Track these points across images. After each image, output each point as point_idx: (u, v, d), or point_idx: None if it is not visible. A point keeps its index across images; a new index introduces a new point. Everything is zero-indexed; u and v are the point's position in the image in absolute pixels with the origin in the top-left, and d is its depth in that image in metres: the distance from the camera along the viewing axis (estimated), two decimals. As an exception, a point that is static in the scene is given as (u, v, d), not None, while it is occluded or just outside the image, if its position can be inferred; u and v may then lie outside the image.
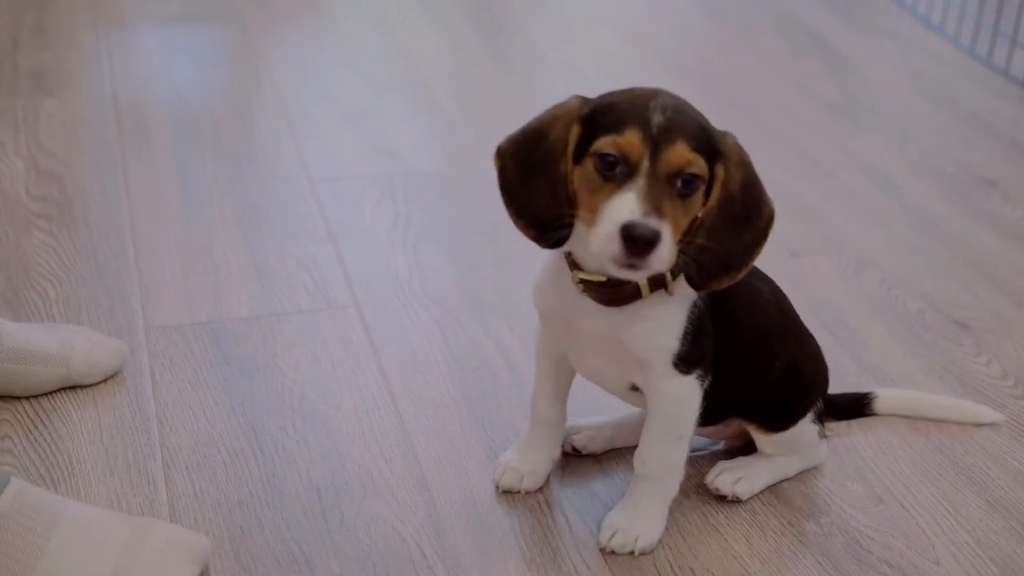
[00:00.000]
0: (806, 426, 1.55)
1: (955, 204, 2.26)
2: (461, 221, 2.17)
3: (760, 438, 1.56)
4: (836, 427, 1.69)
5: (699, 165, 1.27)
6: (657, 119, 1.26)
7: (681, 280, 1.35)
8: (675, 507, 1.52)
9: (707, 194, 1.30)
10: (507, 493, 1.55)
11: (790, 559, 1.48)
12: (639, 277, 1.31)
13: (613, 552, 1.46)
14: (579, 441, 1.61)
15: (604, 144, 1.27)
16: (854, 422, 1.70)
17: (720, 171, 1.30)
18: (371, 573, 1.43)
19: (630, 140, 1.25)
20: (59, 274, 1.94)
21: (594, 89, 1.39)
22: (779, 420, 1.54)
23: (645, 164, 1.25)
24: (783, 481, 1.58)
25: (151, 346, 1.79)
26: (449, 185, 2.28)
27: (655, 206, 1.24)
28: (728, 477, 1.55)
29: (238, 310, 1.88)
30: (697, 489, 1.57)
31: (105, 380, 1.71)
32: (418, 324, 1.87)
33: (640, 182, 1.25)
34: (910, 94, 2.70)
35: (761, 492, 1.57)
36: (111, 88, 2.55)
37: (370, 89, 2.62)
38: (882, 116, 2.62)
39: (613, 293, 1.36)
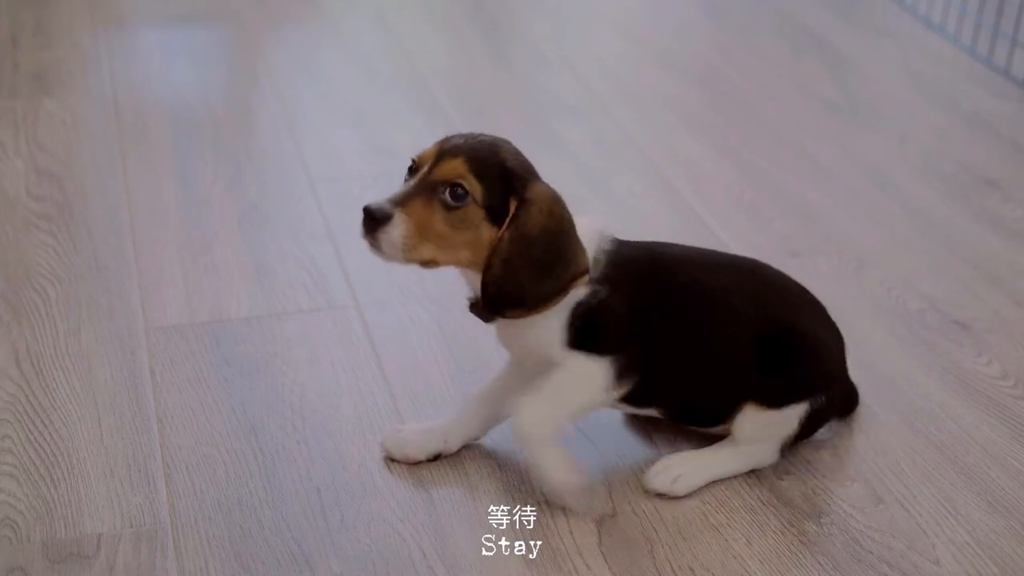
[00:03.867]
0: (796, 413, 1.56)
1: (955, 204, 2.26)
2: (461, 221, 2.16)
3: (752, 417, 1.55)
4: (836, 428, 1.69)
5: (470, 183, 1.42)
6: (455, 140, 1.46)
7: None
8: (675, 507, 1.53)
9: (502, 225, 1.44)
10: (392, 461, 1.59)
11: (790, 559, 1.48)
12: (380, 254, 1.43)
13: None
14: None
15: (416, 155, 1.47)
16: (854, 421, 1.70)
17: (513, 207, 1.43)
18: (371, 573, 1.43)
19: (426, 152, 1.46)
20: (59, 274, 1.94)
21: (593, 90, 1.39)
22: (782, 394, 1.55)
23: (424, 171, 1.44)
24: (731, 477, 1.59)
25: (151, 346, 1.79)
26: (449, 185, 2.28)
27: (403, 199, 1.42)
28: (665, 476, 1.55)
29: (238, 310, 1.88)
30: (698, 489, 1.57)
31: (105, 380, 1.71)
32: (418, 324, 1.87)
33: (410, 183, 1.44)
34: (910, 94, 2.70)
35: (760, 492, 1.57)
36: (111, 88, 2.55)
37: (370, 89, 2.62)
38: (882, 116, 2.62)
39: (475, 312, 1.53)
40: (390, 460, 1.59)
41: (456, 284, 1.97)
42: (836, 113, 2.60)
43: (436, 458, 1.59)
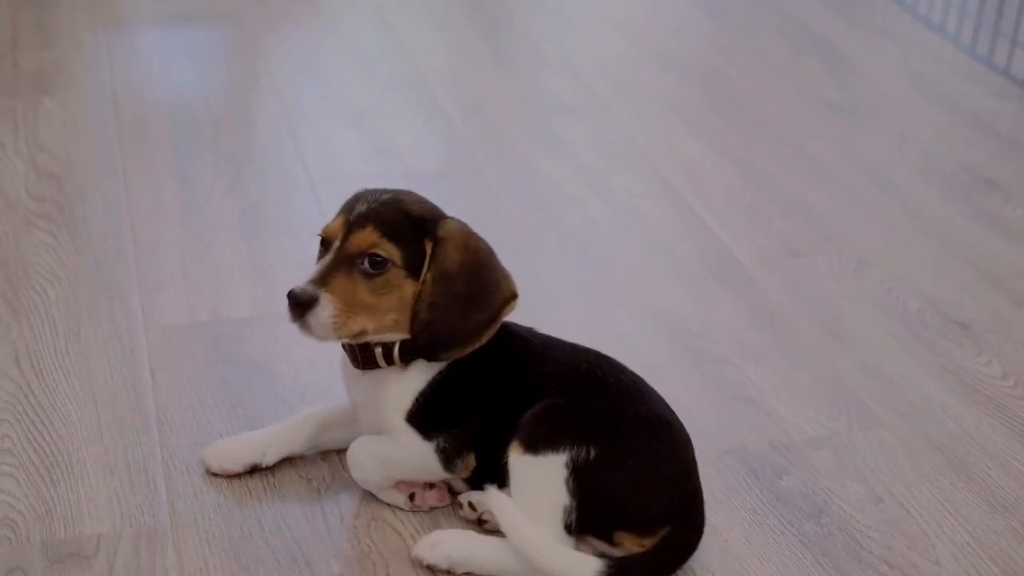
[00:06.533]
0: (549, 466, 1.39)
1: (955, 204, 2.26)
2: (461, 221, 2.16)
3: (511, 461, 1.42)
4: (836, 427, 1.69)
5: (385, 248, 1.41)
6: (359, 208, 1.44)
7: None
8: (675, 507, 1.53)
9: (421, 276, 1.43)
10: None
11: (790, 559, 1.48)
12: (312, 335, 1.42)
13: None
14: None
15: (323, 229, 1.47)
16: (854, 421, 1.70)
17: (429, 249, 1.43)
18: (371, 573, 1.43)
19: (333, 225, 1.45)
20: (59, 274, 1.94)
21: (593, 90, 1.38)
22: (535, 436, 1.41)
23: (337, 245, 1.43)
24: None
25: (151, 346, 1.79)
26: (449, 185, 2.28)
27: (324, 278, 1.41)
28: (426, 539, 1.44)
29: (238, 310, 1.88)
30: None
31: (105, 380, 1.71)
32: (418, 324, 1.87)
33: (327, 259, 1.42)
34: (910, 94, 2.70)
35: (760, 492, 1.57)
36: (111, 88, 2.55)
37: (370, 89, 2.62)
38: (882, 116, 2.62)
39: (352, 354, 1.48)
40: (210, 474, 1.55)
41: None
42: (836, 113, 2.60)
43: (253, 470, 1.55)
